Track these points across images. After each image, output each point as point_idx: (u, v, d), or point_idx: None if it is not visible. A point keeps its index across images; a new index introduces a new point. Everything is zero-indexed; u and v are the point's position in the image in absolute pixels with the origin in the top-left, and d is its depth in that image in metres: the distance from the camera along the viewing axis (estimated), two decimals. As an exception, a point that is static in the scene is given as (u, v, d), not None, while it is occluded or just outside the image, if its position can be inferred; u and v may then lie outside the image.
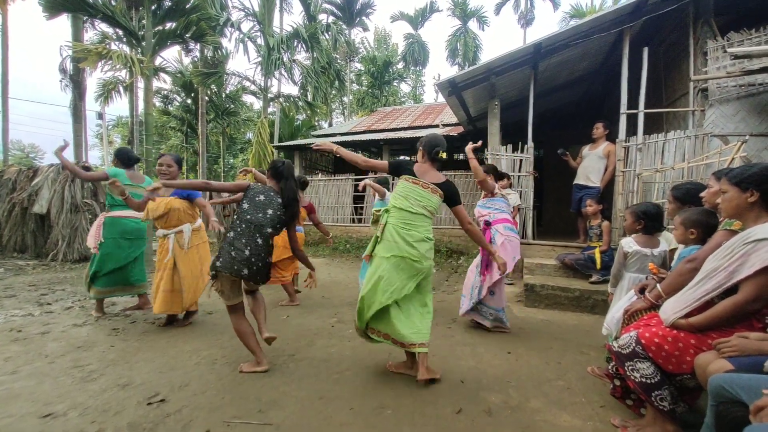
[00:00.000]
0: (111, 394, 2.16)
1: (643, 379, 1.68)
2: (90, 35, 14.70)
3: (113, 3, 11.01)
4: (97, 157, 25.78)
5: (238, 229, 2.40)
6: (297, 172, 10.30)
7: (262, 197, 2.47)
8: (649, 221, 2.50)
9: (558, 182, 8.87)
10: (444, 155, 2.55)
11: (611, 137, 5.08)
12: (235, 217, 2.50)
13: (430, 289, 2.52)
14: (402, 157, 9.52)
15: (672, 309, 1.71)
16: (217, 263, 2.34)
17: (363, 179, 4.51)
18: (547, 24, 60.45)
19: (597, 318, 3.73)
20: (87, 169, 7.52)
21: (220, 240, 5.83)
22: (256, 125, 14.61)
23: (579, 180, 5.19)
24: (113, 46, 12.66)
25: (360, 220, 8.72)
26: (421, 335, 2.35)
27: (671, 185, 3.27)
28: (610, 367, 2.01)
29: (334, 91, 18.43)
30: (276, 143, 12.42)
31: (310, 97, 14.99)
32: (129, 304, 4.01)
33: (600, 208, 4.36)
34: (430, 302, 2.50)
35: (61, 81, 13.66)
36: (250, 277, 2.38)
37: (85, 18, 11.66)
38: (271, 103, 13.96)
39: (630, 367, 1.72)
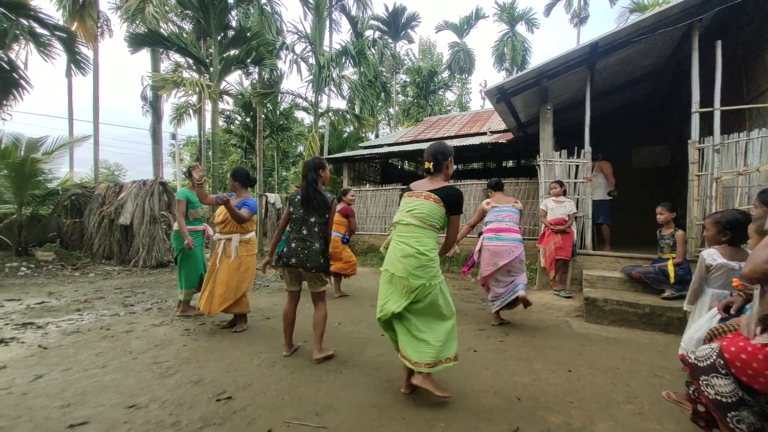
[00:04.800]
0: (185, 390, 2.36)
1: (719, 397, 1.51)
2: (165, 65, 16.54)
3: (185, 35, 12.33)
4: (170, 173, 28.48)
5: (290, 227, 2.87)
6: (345, 182, 10.67)
7: (298, 197, 2.87)
8: (736, 232, 2.23)
9: (618, 189, 8.23)
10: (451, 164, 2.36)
11: (604, 152, 5.94)
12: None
13: (442, 313, 2.22)
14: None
15: None
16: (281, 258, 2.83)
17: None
18: (604, 21, 56.95)
19: (672, 338, 3.39)
20: (164, 185, 8.37)
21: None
22: (307, 139, 15.33)
23: None
24: (185, 74, 14.13)
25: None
26: (424, 354, 2.14)
27: (758, 189, 2.93)
28: (690, 391, 1.80)
29: (380, 103, 18.81)
30: (325, 155, 12.93)
31: (357, 110, 15.45)
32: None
33: (673, 216, 3.99)
34: (439, 327, 2.19)
35: (142, 107, 15.50)
36: (299, 264, 2.72)
37: (161, 50, 13.17)
38: (321, 118, 14.59)
39: (705, 382, 1.57)
